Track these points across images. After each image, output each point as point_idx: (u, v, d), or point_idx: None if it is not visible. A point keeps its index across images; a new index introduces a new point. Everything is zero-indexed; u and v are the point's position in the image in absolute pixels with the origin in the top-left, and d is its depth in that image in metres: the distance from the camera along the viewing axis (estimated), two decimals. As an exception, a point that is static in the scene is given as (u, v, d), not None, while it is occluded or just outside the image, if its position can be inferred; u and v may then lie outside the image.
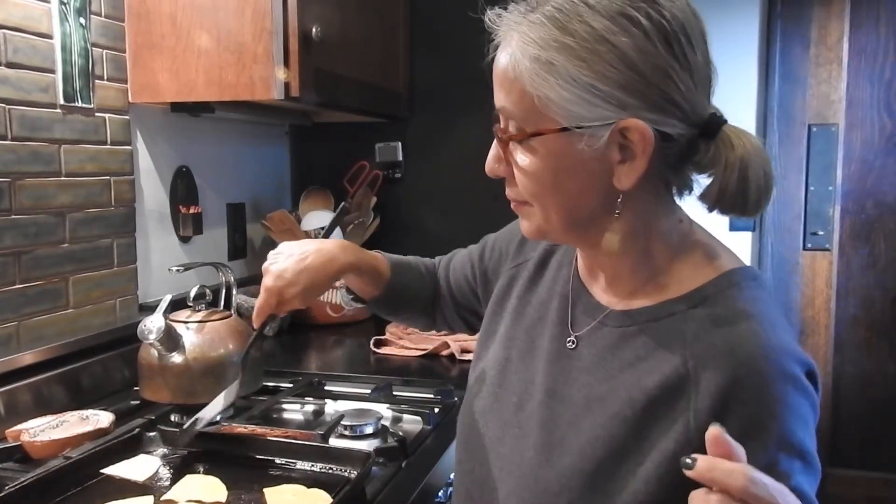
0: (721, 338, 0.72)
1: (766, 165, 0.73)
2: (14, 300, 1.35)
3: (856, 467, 2.96)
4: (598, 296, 0.85)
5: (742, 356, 0.69)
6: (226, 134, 1.99)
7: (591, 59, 0.69)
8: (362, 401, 1.47)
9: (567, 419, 0.80)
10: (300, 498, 1.02)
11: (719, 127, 0.74)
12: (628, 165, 0.72)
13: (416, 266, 1.18)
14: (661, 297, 0.78)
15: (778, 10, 2.90)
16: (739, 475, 0.56)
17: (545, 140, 0.73)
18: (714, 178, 0.74)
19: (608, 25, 0.69)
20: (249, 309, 1.81)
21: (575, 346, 0.84)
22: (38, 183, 1.39)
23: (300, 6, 1.49)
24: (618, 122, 0.70)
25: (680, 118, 0.72)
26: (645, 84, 0.70)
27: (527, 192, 0.77)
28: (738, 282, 0.76)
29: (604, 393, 0.78)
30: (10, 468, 1.11)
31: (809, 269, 3.00)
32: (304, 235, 1.99)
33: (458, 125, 2.07)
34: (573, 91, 0.70)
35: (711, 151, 0.73)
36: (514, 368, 0.90)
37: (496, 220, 1.26)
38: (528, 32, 0.72)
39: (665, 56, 0.70)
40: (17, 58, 1.33)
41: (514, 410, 0.87)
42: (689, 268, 0.79)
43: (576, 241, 0.84)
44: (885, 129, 2.88)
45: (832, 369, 3.00)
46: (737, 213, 0.75)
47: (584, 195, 0.76)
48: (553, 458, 0.79)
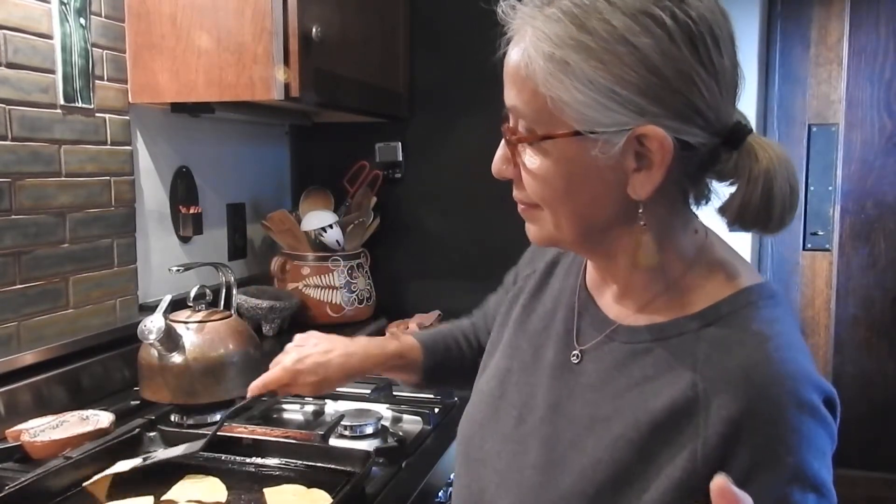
0: (734, 361, 0.67)
1: (793, 178, 0.69)
2: (14, 300, 1.35)
3: (856, 467, 2.95)
4: (606, 308, 0.81)
5: (756, 382, 0.65)
6: (226, 134, 1.99)
7: (609, 61, 0.64)
8: (362, 401, 1.47)
9: (569, 438, 0.76)
10: (300, 498, 1.02)
11: (744, 137, 0.70)
12: (644, 174, 0.68)
13: (452, 336, 1.15)
14: (673, 313, 0.74)
15: (778, 10, 2.90)
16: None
17: (557, 144, 0.69)
18: (736, 192, 0.70)
19: (629, 24, 0.64)
20: (250, 309, 1.81)
21: (579, 360, 0.80)
22: (39, 183, 1.39)
23: (300, 6, 1.49)
24: (635, 129, 0.66)
25: (702, 127, 0.68)
26: (667, 90, 0.65)
27: (536, 197, 0.73)
28: (755, 301, 0.72)
29: (609, 412, 0.73)
30: (10, 468, 1.11)
31: (809, 269, 3.00)
32: (304, 235, 1.99)
33: (458, 125, 2.07)
34: (589, 94, 0.65)
35: (734, 161, 0.70)
36: (516, 380, 0.86)
37: (496, 221, 1.26)
38: (543, 28, 0.67)
39: (690, 60, 0.65)
40: (18, 58, 1.33)
41: (514, 425, 0.83)
42: (704, 283, 0.74)
43: (589, 251, 0.80)
44: (885, 129, 2.88)
45: (832, 369, 3.00)
46: (759, 228, 0.71)
47: (597, 203, 0.72)
48: (554, 479, 0.75)
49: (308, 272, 1.98)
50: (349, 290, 2.00)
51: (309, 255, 1.99)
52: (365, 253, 2.08)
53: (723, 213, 0.72)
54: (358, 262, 2.03)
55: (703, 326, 0.71)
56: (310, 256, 1.99)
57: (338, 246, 1.99)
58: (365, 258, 2.07)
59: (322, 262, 1.98)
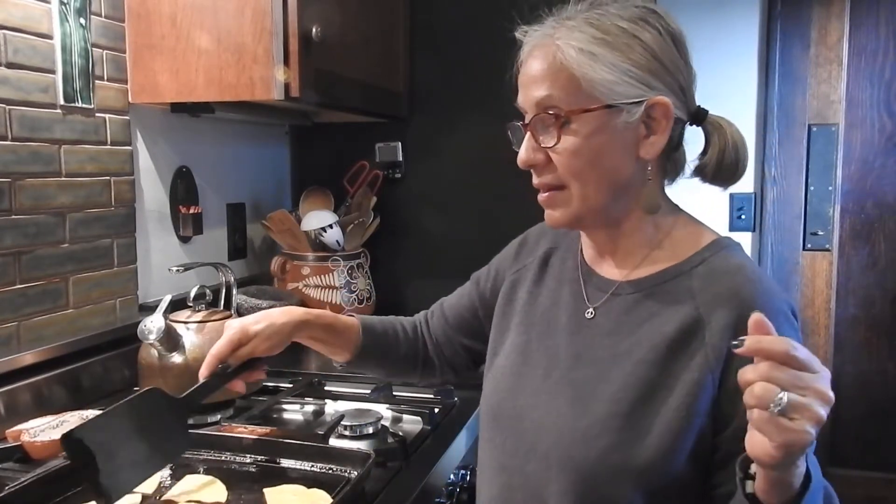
0: (724, 286, 0.87)
1: (742, 139, 0.93)
2: (14, 300, 1.35)
3: (856, 467, 2.96)
4: (606, 274, 0.97)
5: (744, 297, 0.85)
6: (226, 134, 1.99)
7: (626, 49, 0.85)
8: (362, 401, 1.47)
9: (595, 375, 0.90)
10: (300, 498, 1.02)
11: (706, 115, 0.93)
12: (653, 138, 0.88)
13: (390, 323, 1.22)
14: (665, 264, 0.93)
15: (778, 10, 2.90)
16: (782, 343, 0.65)
17: (590, 117, 0.86)
18: (711, 156, 0.92)
19: (633, 25, 0.86)
20: (250, 309, 1.81)
21: (593, 316, 0.95)
22: (39, 183, 1.39)
23: (300, 6, 1.49)
24: (649, 100, 0.86)
25: (684, 103, 0.90)
26: (665, 71, 0.87)
27: (569, 172, 0.88)
28: (728, 245, 0.93)
29: (627, 347, 0.89)
30: (10, 468, 1.11)
31: (809, 269, 3.00)
32: (303, 235, 1.99)
33: (458, 125, 2.07)
34: (615, 73, 0.85)
35: (706, 135, 0.92)
36: (536, 347, 0.99)
37: (496, 220, 1.26)
38: (569, 34, 0.86)
39: (675, 53, 0.88)
40: (18, 58, 1.34)
41: (542, 379, 0.95)
42: (685, 238, 0.94)
43: (603, 219, 0.94)
44: (885, 129, 2.88)
45: (832, 369, 2.99)
46: (728, 182, 0.94)
47: (620, 167, 0.89)
48: (588, 409, 0.88)
49: (308, 272, 1.98)
50: (349, 290, 2.00)
51: (309, 255, 1.99)
52: (365, 253, 2.08)
53: (701, 173, 0.94)
54: (358, 262, 2.03)
55: (693, 268, 0.91)
56: (310, 256, 1.99)
57: (338, 246, 1.99)
58: (365, 258, 2.07)
59: (322, 262, 1.98)
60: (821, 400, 0.64)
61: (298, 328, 1.07)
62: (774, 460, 0.65)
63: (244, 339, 1.03)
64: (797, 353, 0.65)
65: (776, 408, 0.63)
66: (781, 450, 0.64)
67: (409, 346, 1.21)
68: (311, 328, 1.09)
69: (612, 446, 0.85)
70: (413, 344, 1.21)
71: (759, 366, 0.65)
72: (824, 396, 0.65)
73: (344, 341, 1.14)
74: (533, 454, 0.92)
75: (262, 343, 1.03)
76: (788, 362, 0.64)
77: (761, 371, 0.65)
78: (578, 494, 0.86)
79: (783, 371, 0.64)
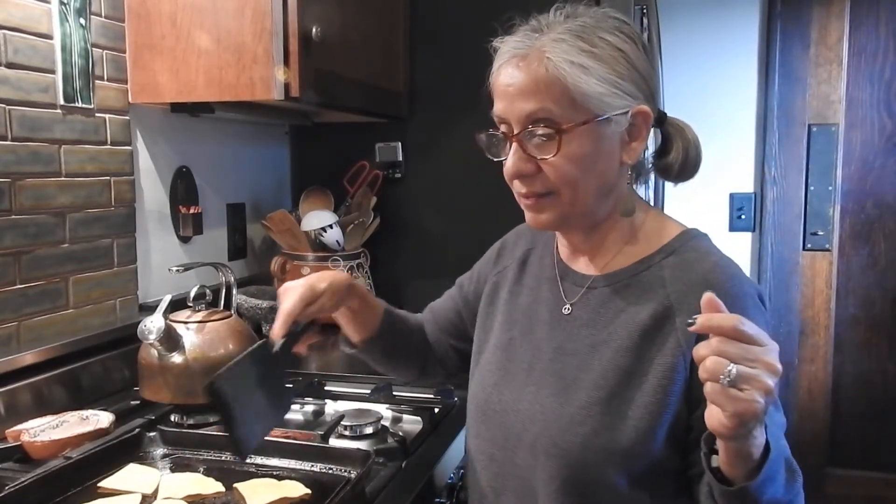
0: (694, 274, 0.92)
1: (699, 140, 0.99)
2: (14, 300, 1.35)
3: (856, 467, 2.96)
4: (582, 270, 1.02)
5: (714, 282, 0.89)
6: (226, 134, 1.99)
7: (612, 62, 0.89)
8: (362, 401, 1.47)
9: (576, 364, 0.95)
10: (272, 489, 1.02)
11: (666, 118, 0.98)
12: (634, 144, 0.93)
13: (406, 315, 1.25)
14: (636, 256, 0.97)
15: (778, 10, 2.90)
16: (730, 318, 0.69)
17: (584, 129, 0.88)
18: (675, 154, 0.97)
19: (615, 38, 0.90)
20: (250, 309, 1.81)
21: (570, 311, 0.99)
22: (38, 183, 1.39)
23: (300, 6, 1.49)
24: (634, 108, 0.90)
25: (654, 109, 0.94)
26: (642, 80, 0.92)
27: (562, 181, 0.90)
28: (696, 236, 0.98)
29: (605, 337, 0.94)
30: (10, 468, 1.11)
31: (809, 269, 3.00)
32: (303, 235, 1.99)
33: (458, 125, 2.07)
34: (604, 86, 0.88)
35: (668, 136, 0.98)
36: (519, 343, 1.03)
37: (496, 220, 1.26)
38: (557, 46, 0.87)
39: (646, 60, 0.93)
40: (17, 58, 1.33)
41: (526, 373, 0.99)
42: (653, 231, 0.99)
43: (586, 221, 0.98)
44: (885, 129, 2.88)
45: (832, 369, 3.00)
46: (688, 178, 1.00)
47: (607, 172, 0.93)
48: (571, 397, 0.93)
49: (308, 272, 1.98)
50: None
51: (309, 255, 1.99)
52: (365, 253, 2.08)
53: (665, 171, 1.00)
54: (358, 262, 2.03)
55: (664, 258, 0.95)
56: (310, 256, 1.99)
57: (338, 246, 1.99)
58: (365, 258, 2.07)
59: (322, 262, 1.98)
60: (769, 371, 0.68)
61: (350, 290, 1.09)
62: (730, 431, 0.69)
63: (313, 297, 1.02)
64: (745, 328, 0.68)
65: (726, 379, 0.67)
66: (734, 419, 0.68)
67: (416, 339, 1.24)
68: (355, 293, 1.10)
69: (594, 432, 0.89)
70: (420, 339, 1.25)
71: (710, 341, 0.69)
72: (772, 368, 0.68)
73: (369, 318, 1.15)
74: (520, 444, 0.96)
75: (329, 300, 1.04)
76: (737, 336, 0.68)
77: (712, 346, 0.69)
78: (565, 480, 0.91)
79: (732, 345, 0.68)
